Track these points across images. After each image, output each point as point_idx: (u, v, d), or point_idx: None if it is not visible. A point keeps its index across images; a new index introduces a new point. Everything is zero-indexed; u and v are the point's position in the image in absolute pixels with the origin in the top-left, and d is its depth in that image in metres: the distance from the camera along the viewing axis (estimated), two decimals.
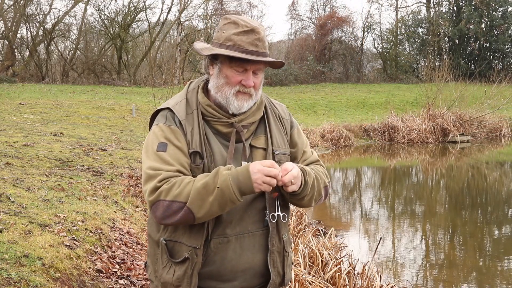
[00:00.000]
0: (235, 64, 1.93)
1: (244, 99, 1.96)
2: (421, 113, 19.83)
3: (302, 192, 1.96)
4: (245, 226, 1.96)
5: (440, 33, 34.94)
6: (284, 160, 2.03)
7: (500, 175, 13.83)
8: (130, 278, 4.49)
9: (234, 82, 1.94)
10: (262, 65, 1.97)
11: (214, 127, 1.99)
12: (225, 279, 1.96)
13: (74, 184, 6.37)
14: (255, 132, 2.04)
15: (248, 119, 2.01)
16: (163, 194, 1.84)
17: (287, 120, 2.14)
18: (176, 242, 1.95)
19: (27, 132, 10.41)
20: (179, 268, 1.94)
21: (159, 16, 31.22)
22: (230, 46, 1.91)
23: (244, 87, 1.95)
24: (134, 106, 17.59)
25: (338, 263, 4.95)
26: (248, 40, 1.91)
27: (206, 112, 1.99)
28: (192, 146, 1.93)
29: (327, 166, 15.90)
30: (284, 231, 2.05)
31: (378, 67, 36.83)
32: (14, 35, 28.52)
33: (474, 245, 7.27)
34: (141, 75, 30.74)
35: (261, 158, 1.99)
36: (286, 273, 2.07)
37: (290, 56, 34.28)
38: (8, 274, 3.46)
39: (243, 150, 1.98)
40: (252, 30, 1.92)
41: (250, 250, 1.97)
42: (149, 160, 1.91)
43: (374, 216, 9.17)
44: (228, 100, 1.96)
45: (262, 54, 1.93)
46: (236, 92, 1.95)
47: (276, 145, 2.04)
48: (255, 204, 1.98)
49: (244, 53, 1.90)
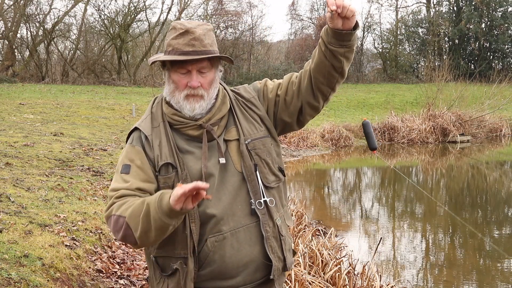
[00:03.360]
0: (177, 68, 1.96)
1: (195, 101, 1.97)
2: (421, 113, 19.81)
3: (355, 35, 1.91)
4: (238, 220, 1.96)
5: (440, 33, 34.91)
6: (259, 145, 2.04)
7: (500, 175, 13.82)
8: (130, 278, 4.49)
9: (182, 86, 1.97)
10: (206, 62, 1.97)
11: (185, 133, 2.00)
12: (228, 277, 1.96)
13: (74, 184, 6.36)
14: (226, 126, 2.05)
15: (216, 115, 2.02)
16: (114, 209, 1.88)
17: (253, 97, 2.12)
18: (166, 257, 1.98)
19: (27, 132, 10.41)
20: (172, 280, 1.96)
21: (159, 16, 31.13)
22: (170, 51, 1.95)
23: (191, 89, 1.96)
24: (134, 106, 17.59)
25: (338, 263, 4.95)
26: (184, 41, 1.94)
27: (174, 121, 2.01)
28: (162, 158, 1.96)
29: (327, 166, 15.87)
30: (276, 215, 2.04)
31: (378, 67, 36.79)
32: (14, 35, 28.50)
33: (474, 245, 7.27)
34: (141, 75, 30.70)
35: (236, 150, 2.01)
36: (286, 257, 2.06)
37: (290, 56, 34.23)
38: (8, 274, 3.46)
39: (218, 147, 1.99)
40: (187, 31, 1.95)
41: (247, 243, 1.97)
42: (114, 182, 1.97)
43: (374, 216, 9.17)
44: (180, 104, 1.99)
45: (200, 53, 1.94)
46: (185, 96, 1.97)
47: (247, 134, 2.03)
48: (242, 197, 1.98)
49: (182, 55, 1.92)
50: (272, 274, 2.00)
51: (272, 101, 2.10)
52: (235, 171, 1.99)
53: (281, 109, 2.10)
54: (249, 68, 30.95)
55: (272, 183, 2.05)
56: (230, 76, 28.65)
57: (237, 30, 32.04)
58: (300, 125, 2.15)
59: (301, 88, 2.05)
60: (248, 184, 1.98)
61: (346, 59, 1.95)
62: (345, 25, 1.86)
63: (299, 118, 2.11)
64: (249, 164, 2.00)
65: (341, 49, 1.91)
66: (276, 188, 2.07)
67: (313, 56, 2.01)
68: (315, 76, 2.00)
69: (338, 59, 1.94)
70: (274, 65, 31.09)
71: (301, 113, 2.09)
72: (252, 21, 32.56)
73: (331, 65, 1.95)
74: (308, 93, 2.04)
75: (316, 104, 2.07)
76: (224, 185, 1.96)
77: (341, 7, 1.80)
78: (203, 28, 1.98)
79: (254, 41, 32.57)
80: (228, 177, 1.98)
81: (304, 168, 14.00)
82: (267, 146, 2.06)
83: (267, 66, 30.48)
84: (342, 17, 1.85)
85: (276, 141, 2.13)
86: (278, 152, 2.12)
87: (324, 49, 1.93)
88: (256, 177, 2.00)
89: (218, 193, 1.95)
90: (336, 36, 1.89)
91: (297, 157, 15.18)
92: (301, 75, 2.06)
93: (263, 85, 2.14)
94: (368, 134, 2.32)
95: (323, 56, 1.95)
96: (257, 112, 2.09)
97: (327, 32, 1.91)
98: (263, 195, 2.00)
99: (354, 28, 1.89)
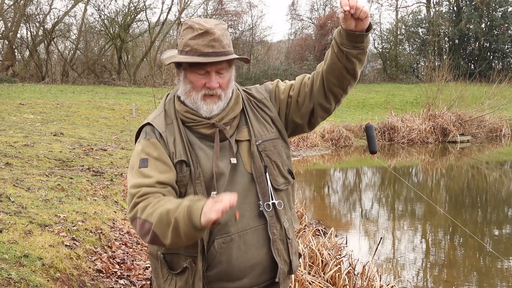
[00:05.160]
0: (195, 68, 1.95)
1: (212, 102, 1.97)
2: (421, 113, 19.82)
3: (368, 37, 1.90)
4: (246, 222, 1.95)
5: (440, 33, 34.91)
6: (270, 147, 2.03)
7: (500, 175, 13.82)
8: (130, 278, 4.49)
9: (199, 86, 1.95)
10: (225, 64, 1.97)
11: (197, 131, 1.99)
12: (234, 278, 1.96)
13: (74, 184, 6.36)
14: (238, 126, 2.04)
15: (228, 115, 2.01)
16: (139, 212, 1.83)
17: (265, 98, 2.11)
18: (174, 254, 1.97)
19: (27, 132, 10.41)
20: (180, 279, 1.95)
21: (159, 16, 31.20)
22: (188, 52, 1.93)
23: (209, 90, 1.95)
24: (134, 106, 17.59)
25: (338, 263, 4.95)
26: (203, 42, 1.92)
27: (186, 119, 2.00)
28: (177, 156, 1.94)
29: (327, 166, 15.84)
30: (284, 218, 2.03)
31: (378, 67, 36.78)
32: (14, 35, 28.50)
33: (474, 245, 7.27)
34: (141, 75, 30.70)
35: (247, 151, 2.00)
36: (292, 260, 2.06)
37: (290, 56, 34.24)
38: (8, 274, 3.46)
39: (229, 147, 1.98)
40: (206, 32, 1.93)
41: (254, 246, 1.96)
42: (132, 179, 1.93)
43: (374, 216, 9.17)
44: (197, 105, 1.97)
45: (220, 54, 1.93)
46: (203, 96, 1.96)
47: (258, 135, 2.03)
48: (250, 198, 1.97)
49: (201, 56, 1.91)
50: (277, 277, 2.00)
51: (284, 102, 2.09)
52: (245, 172, 1.98)
53: (292, 111, 2.09)
54: (249, 68, 30.94)
55: (281, 185, 2.04)
56: None
57: (237, 30, 32.08)
58: (311, 127, 2.15)
59: (313, 89, 2.04)
60: (257, 185, 1.97)
61: (358, 61, 1.95)
62: (358, 27, 1.86)
63: (310, 120, 2.10)
64: (259, 166, 1.99)
65: (354, 50, 1.91)
66: (285, 190, 2.06)
67: (326, 58, 2.00)
68: (327, 78, 1.99)
69: (351, 60, 1.94)
70: (274, 65, 31.10)
71: (313, 115, 2.08)
72: (252, 21, 32.63)
73: (344, 66, 1.95)
74: (320, 94, 2.03)
75: (327, 106, 2.05)
76: (233, 186, 1.95)
77: (354, 8, 1.80)
78: (221, 28, 1.97)
79: (254, 41, 32.60)
80: (237, 178, 1.97)
81: (304, 168, 14.00)
82: (277, 148, 2.05)
83: (267, 66, 30.49)
84: (355, 19, 1.84)
85: (287, 143, 2.12)
86: (288, 154, 2.11)
87: (337, 50, 1.93)
88: (265, 179, 1.99)
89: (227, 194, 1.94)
90: (349, 37, 1.89)
91: (297, 157, 15.18)
92: (313, 76, 2.06)
93: (275, 86, 2.13)
94: (370, 137, 2.33)
95: (336, 57, 1.94)
96: (269, 114, 2.08)
97: (340, 33, 1.91)
98: (271, 197, 1.98)
99: (367, 30, 1.89)
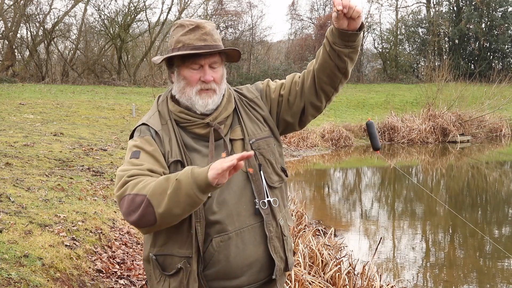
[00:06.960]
0: (189, 63, 1.95)
1: (207, 96, 1.97)
2: (421, 113, 19.82)
3: (359, 36, 1.92)
4: (243, 220, 1.96)
5: (440, 33, 34.91)
6: (263, 145, 2.04)
7: (500, 175, 13.82)
8: (130, 278, 4.49)
9: (194, 81, 1.96)
10: (217, 57, 1.98)
11: (192, 131, 1.99)
12: (232, 276, 1.96)
13: (74, 184, 6.36)
14: (231, 125, 2.05)
15: (222, 114, 2.01)
16: (129, 188, 1.80)
17: (256, 97, 2.12)
18: (167, 255, 1.96)
19: (27, 132, 10.41)
20: (174, 280, 1.94)
21: (159, 16, 31.10)
22: (181, 48, 1.94)
23: (204, 84, 1.96)
24: (134, 106, 17.59)
25: (338, 263, 4.95)
26: (195, 37, 1.94)
27: (180, 119, 2.00)
28: (172, 155, 1.94)
29: (327, 166, 15.85)
30: (279, 215, 2.04)
31: (378, 67, 36.78)
32: (14, 35, 28.49)
33: (474, 245, 7.27)
34: (141, 75, 30.69)
35: (241, 150, 2.00)
36: (288, 257, 2.07)
37: (290, 56, 34.23)
38: (8, 274, 3.46)
39: (224, 146, 1.99)
40: (197, 27, 1.95)
41: (252, 243, 1.97)
42: (122, 167, 1.91)
43: (374, 216, 9.17)
44: (192, 100, 1.97)
45: (212, 47, 1.94)
46: (198, 91, 1.96)
47: (251, 133, 2.04)
48: (246, 197, 1.98)
49: (194, 49, 1.92)
50: (274, 274, 2.01)
51: (275, 101, 2.11)
52: (240, 170, 1.97)
53: (284, 109, 2.10)
54: (249, 68, 30.95)
55: (275, 183, 2.05)
56: (230, 76, 28.62)
57: (237, 30, 32.07)
58: (302, 126, 2.16)
59: (304, 88, 2.05)
60: (253, 184, 1.99)
61: (350, 59, 1.96)
62: (351, 26, 1.88)
63: (301, 118, 2.12)
64: (253, 164, 2.00)
65: (345, 49, 1.92)
66: (279, 188, 2.07)
67: (317, 56, 2.01)
68: (318, 76, 2.00)
69: (343, 59, 1.95)
70: (274, 65, 31.09)
71: (304, 113, 2.10)
72: (252, 21, 32.58)
73: (335, 65, 1.96)
74: (311, 93, 2.04)
75: (318, 104, 2.07)
76: (229, 185, 1.95)
77: (347, 7, 1.82)
78: (210, 24, 2.00)
79: (254, 41, 32.57)
80: (233, 177, 1.95)
81: (304, 168, 14.00)
82: (271, 146, 2.07)
83: (267, 66, 30.48)
84: (348, 18, 1.86)
85: (279, 141, 2.14)
86: (280, 152, 2.13)
87: (329, 49, 1.94)
88: (260, 177, 2.00)
89: (223, 193, 1.94)
90: (341, 36, 1.90)
91: (297, 157, 15.19)
92: (304, 75, 2.07)
93: (266, 85, 2.14)
94: (372, 134, 2.33)
95: (328, 56, 1.95)
96: (260, 113, 2.09)
97: (332, 32, 1.92)
98: (267, 195, 2.00)
99: (360, 29, 1.90)
